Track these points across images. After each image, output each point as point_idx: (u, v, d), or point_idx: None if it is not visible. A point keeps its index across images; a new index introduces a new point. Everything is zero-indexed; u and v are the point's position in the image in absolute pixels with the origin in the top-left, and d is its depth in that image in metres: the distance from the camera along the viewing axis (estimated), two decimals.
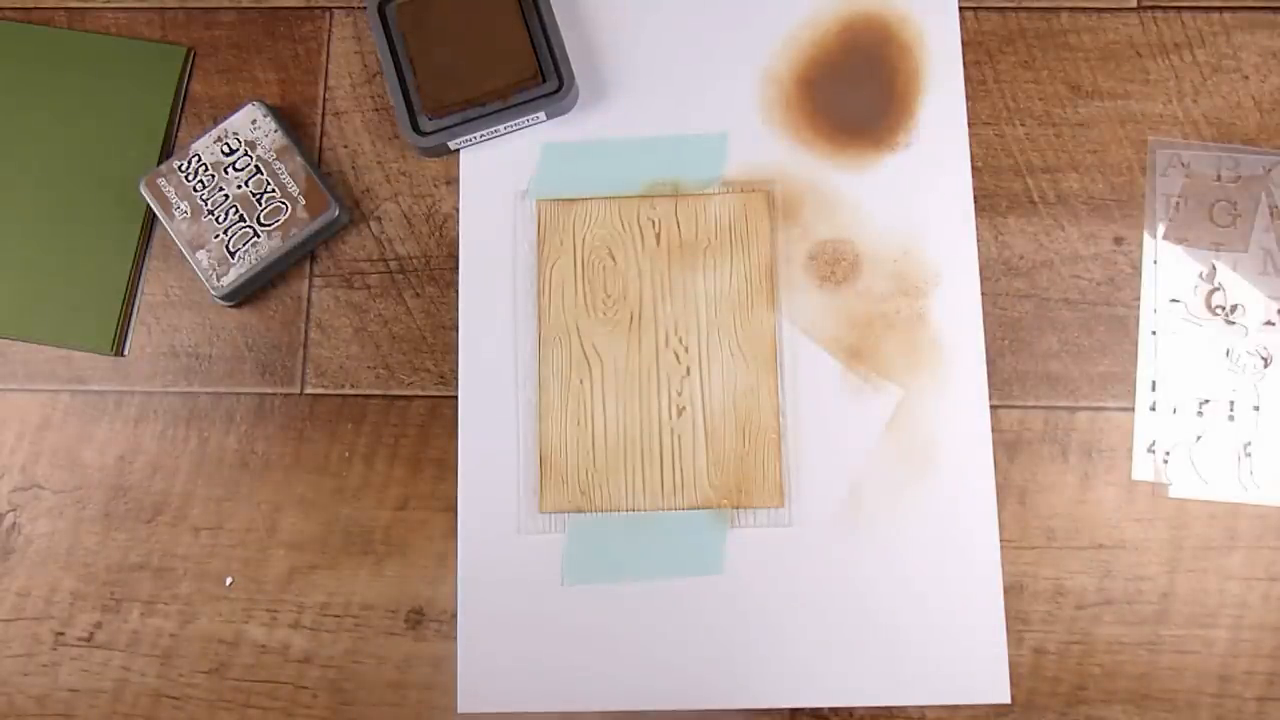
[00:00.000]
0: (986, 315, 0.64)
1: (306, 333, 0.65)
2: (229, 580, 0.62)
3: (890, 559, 0.61)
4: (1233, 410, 0.62)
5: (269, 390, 0.64)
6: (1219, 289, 0.64)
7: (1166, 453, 0.62)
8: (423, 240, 0.66)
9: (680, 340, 0.64)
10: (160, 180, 0.64)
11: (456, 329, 0.64)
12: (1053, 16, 0.67)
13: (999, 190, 0.65)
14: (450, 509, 0.62)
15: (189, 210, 0.64)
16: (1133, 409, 0.63)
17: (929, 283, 0.64)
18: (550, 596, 0.61)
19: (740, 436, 0.62)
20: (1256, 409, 0.62)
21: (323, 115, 0.67)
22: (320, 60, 0.68)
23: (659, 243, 0.65)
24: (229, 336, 0.65)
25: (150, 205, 0.64)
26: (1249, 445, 0.62)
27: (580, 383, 0.63)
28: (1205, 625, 0.60)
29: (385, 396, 0.64)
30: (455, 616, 0.61)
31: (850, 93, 0.67)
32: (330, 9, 0.69)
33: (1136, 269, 0.64)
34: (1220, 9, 0.67)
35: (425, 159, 0.67)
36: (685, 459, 0.62)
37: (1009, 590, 0.61)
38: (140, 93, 0.67)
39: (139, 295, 0.66)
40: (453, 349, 0.64)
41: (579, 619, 0.61)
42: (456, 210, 0.66)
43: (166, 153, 0.67)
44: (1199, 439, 0.62)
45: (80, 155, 0.67)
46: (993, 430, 0.62)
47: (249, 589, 0.62)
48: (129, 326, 0.65)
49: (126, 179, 0.66)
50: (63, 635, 0.62)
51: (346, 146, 0.67)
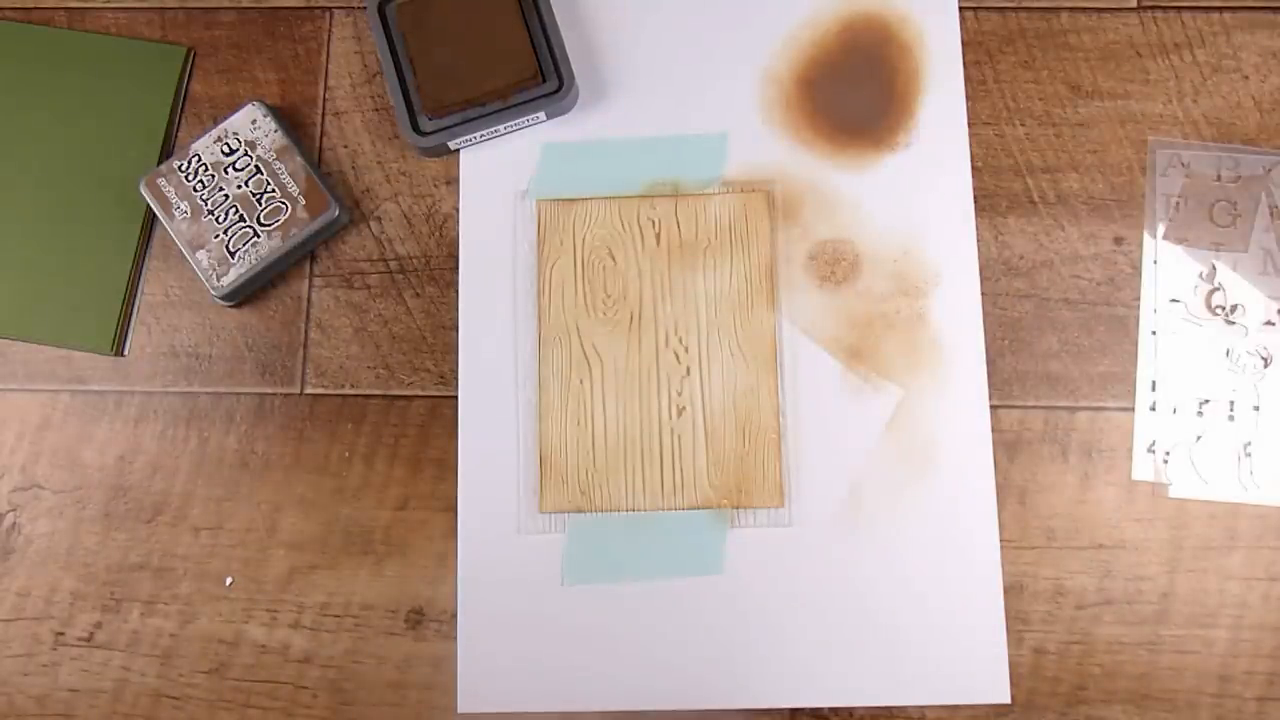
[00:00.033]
0: (986, 315, 0.64)
1: (306, 333, 0.65)
2: (229, 580, 0.62)
3: (890, 559, 0.61)
4: (1233, 410, 0.62)
5: (269, 390, 0.64)
6: (1219, 289, 0.64)
7: (1166, 453, 0.62)
8: (423, 240, 0.66)
9: (680, 340, 0.64)
10: (160, 180, 0.64)
11: (456, 329, 0.64)
12: (1053, 16, 0.67)
13: (999, 190, 0.65)
14: (450, 509, 0.62)
15: (189, 210, 0.64)
16: (1133, 409, 0.63)
17: (929, 283, 0.64)
18: (550, 596, 0.61)
19: (740, 436, 0.62)
20: (1256, 409, 0.62)
21: (323, 115, 0.67)
22: (320, 60, 0.68)
23: (659, 243, 0.65)
24: (229, 336, 0.65)
25: (150, 205, 0.64)
26: (1249, 445, 0.62)
27: (580, 383, 0.63)
28: (1205, 625, 0.60)
29: (385, 396, 0.64)
30: (455, 616, 0.61)
31: (850, 93, 0.67)
32: (330, 9, 0.69)
33: (1136, 269, 0.64)
34: (1220, 9, 0.67)
35: (425, 159, 0.67)
36: (685, 459, 0.62)
37: (1009, 590, 0.61)
38: (140, 93, 0.67)
39: (139, 295, 0.66)
40: (453, 349, 0.64)
41: (579, 619, 0.61)
42: (456, 210, 0.66)
43: (166, 153, 0.67)
44: (1199, 439, 0.62)
45: (80, 155, 0.67)
46: (993, 430, 0.62)
47: (249, 589, 0.62)
48: (129, 326, 0.65)
49: (126, 179, 0.66)
50: (63, 635, 0.62)
51: (346, 146, 0.67)
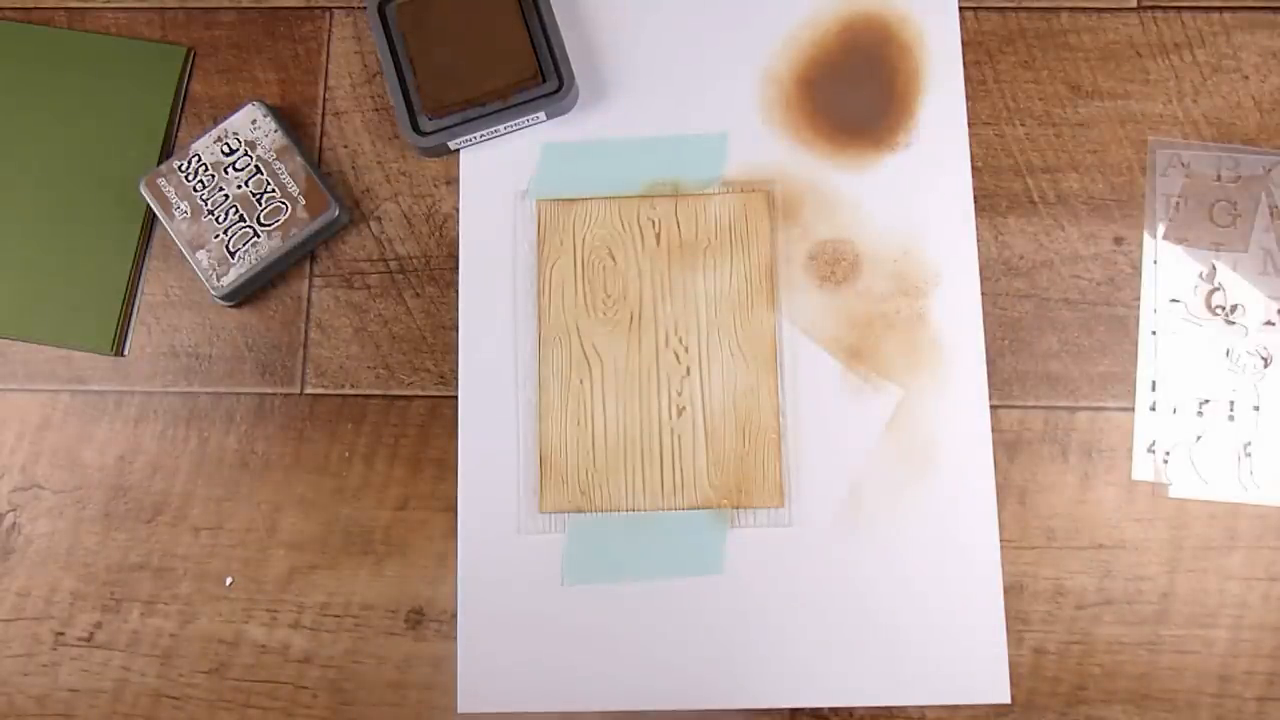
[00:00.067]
0: (986, 315, 0.64)
1: (306, 333, 0.65)
2: (229, 580, 0.62)
3: (890, 559, 0.61)
4: (1233, 410, 0.62)
5: (269, 390, 0.64)
6: (1219, 289, 0.64)
7: (1166, 453, 0.62)
8: (423, 240, 0.66)
9: (680, 340, 0.64)
10: (160, 180, 0.64)
11: (456, 329, 0.64)
12: (1053, 16, 0.67)
13: (999, 190, 0.65)
14: (450, 509, 0.62)
15: (189, 210, 0.64)
16: (1133, 409, 0.63)
17: (929, 283, 0.64)
18: (550, 596, 0.61)
19: (740, 436, 0.62)
20: (1256, 409, 0.62)
21: (323, 115, 0.67)
22: (320, 60, 0.68)
23: (659, 243, 0.65)
24: (229, 336, 0.65)
25: (150, 205, 0.64)
26: (1249, 445, 0.62)
27: (580, 383, 0.63)
28: (1205, 625, 0.60)
29: (385, 396, 0.64)
30: (455, 616, 0.61)
31: (850, 93, 0.67)
32: (330, 9, 0.69)
33: (1136, 269, 0.64)
34: (1220, 9, 0.67)
35: (425, 159, 0.67)
36: (685, 459, 0.62)
37: (1009, 590, 0.61)
38: (140, 93, 0.67)
39: (139, 295, 0.66)
40: (453, 349, 0.64)
41: (579, 619, 0.61)
42: (456, 210, 0.66)
43: (166, 153, 0.67)
44: (1199, 439, 0.62)
45: (80, 155, 0.67)
46: (993, 430, 0.62)
47: (249, 589, 0.62)
48: (129, 326, 0.65)
49: (126, 179, 0.66)
50: (63, 635, 0.62)
51: (346, 146, 0.67)
